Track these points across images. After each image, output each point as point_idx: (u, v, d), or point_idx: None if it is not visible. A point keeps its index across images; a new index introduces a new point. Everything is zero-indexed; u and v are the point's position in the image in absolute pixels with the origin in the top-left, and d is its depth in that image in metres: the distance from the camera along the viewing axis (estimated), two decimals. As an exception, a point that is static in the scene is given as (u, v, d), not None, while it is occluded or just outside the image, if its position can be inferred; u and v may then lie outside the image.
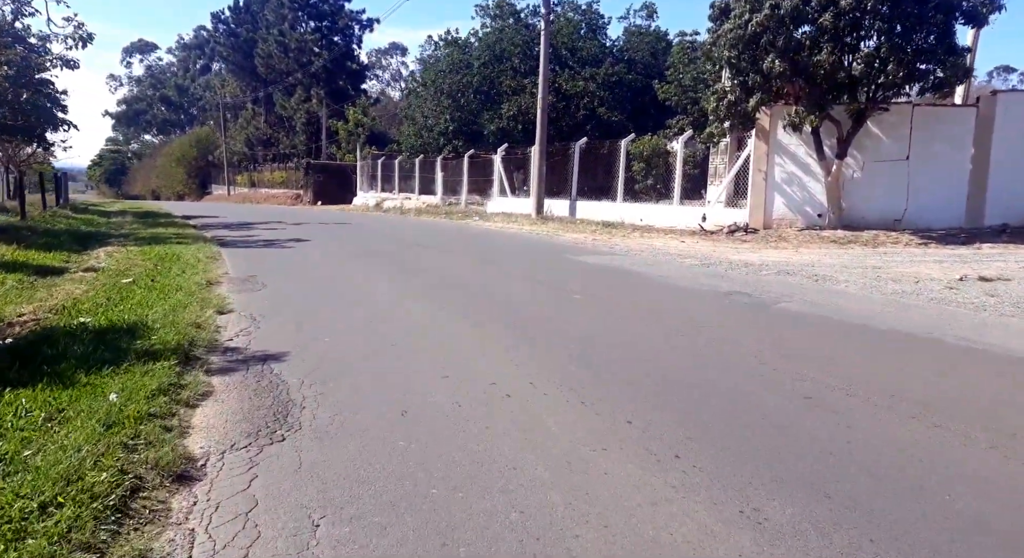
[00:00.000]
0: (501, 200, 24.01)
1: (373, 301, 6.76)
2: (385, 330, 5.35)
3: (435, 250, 12.07)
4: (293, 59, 44.39)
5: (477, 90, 27.25)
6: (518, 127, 26.02)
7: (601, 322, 5.82)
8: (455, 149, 27.59)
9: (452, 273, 9.07)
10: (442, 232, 16.75)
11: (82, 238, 12.52)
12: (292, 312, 6.21)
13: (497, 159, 24.16)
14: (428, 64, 30.06)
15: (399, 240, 14.05)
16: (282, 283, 7.91)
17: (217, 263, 9.51)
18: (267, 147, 50.15)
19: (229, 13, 51.56)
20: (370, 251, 11.93)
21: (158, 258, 9.49)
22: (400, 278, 8.38)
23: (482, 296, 7.16)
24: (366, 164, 35.67)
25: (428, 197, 28.57)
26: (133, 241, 12.26)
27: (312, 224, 18.49)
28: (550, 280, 8.36)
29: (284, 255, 10.90)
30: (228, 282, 7.91)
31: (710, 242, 13.81)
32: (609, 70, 27.68)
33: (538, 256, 11.47)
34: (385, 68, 71.73)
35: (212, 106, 61.57)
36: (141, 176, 73.67)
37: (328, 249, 12.05)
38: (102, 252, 9.97)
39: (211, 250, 10.98)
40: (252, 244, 12.65)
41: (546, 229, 16.99)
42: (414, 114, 30.25)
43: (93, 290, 6.63)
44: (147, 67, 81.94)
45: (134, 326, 5.08)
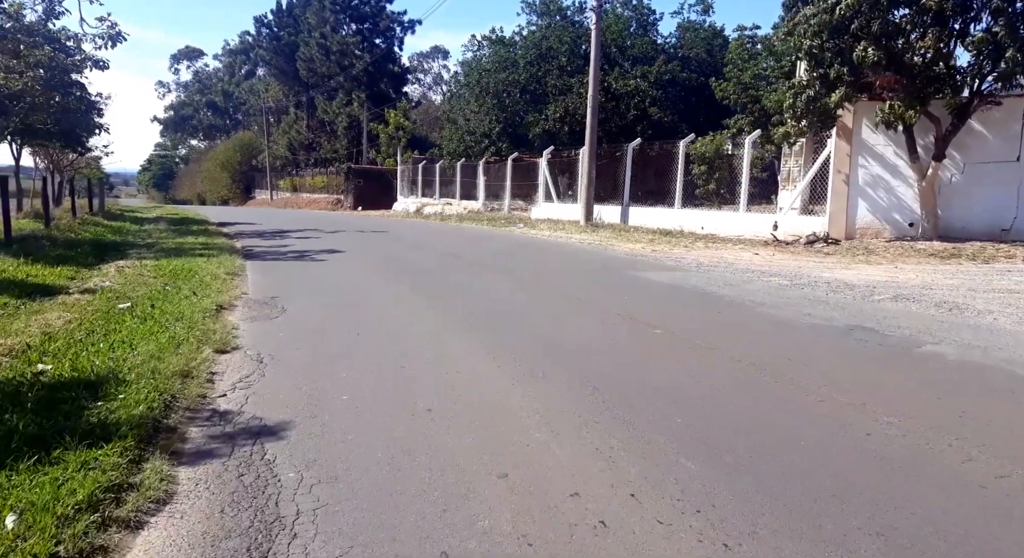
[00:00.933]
0: (546, 206, 22.74)
1: (407, 337, 5.54)
2: (420, 389, 4.11)
3: (478, 265, 10.85)
4: (335, 62, 43.90)
5: (523, 90, 26.05)
6: (564, 129, 24.72)
7: (705, 380, 4.48)
8: (498, 152, 26.43)
9: (500, 296, 7.81)
10: (485, 241, 15.54)
11: (103, 249, 11.68)
12: (309, 351, 5.03)
13: (542, 162, 22.89)
14: (471, 64, 28.98)
15: (439, 251, 12.89)
16: (305, 307, 6.77)
17: (237, 281, 8.45)
18: (309, 151, 49.88)
19: (272, 17, 51.56)
20: (407, 266, 10.78)
21: (172, 275, 8.48)
22: (439, 303, 7.16)
23: (539, 331, 5.88)
24: (406, 168, 34.82)
25: (470, 202, 27.48)
26: (155, 253, 11.36)
27: (349, 232, 17.51)
28: (617, 307, 7.03)
29: (313, 270, 9.82)
30: (243, 306, 6.81)
31: (788, 254, 12.27)
32: (661, 68, 26.17)
33: (595, 272, 10.14)
34: (427, 72, 71.28)
35: (256, 111, 61.89)
36: (188, 181, 74.76)
37: (362, 263, 10.94)
38: (114, 267, 9.03)
39: (235, 264, 9.97)
40: (282, 256, 11.64)
41: (597, 238, 15.63)
42: (456, 116, 29.19)
43: (79, 320, 5.58)
44: (194, 73, 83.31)
45: (102, 378, 3.95)
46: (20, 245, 10.78)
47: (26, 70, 14.38)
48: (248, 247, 13.14)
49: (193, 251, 11.50)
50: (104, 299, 6.59)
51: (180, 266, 9.28)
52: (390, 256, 12.06)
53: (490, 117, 26.58)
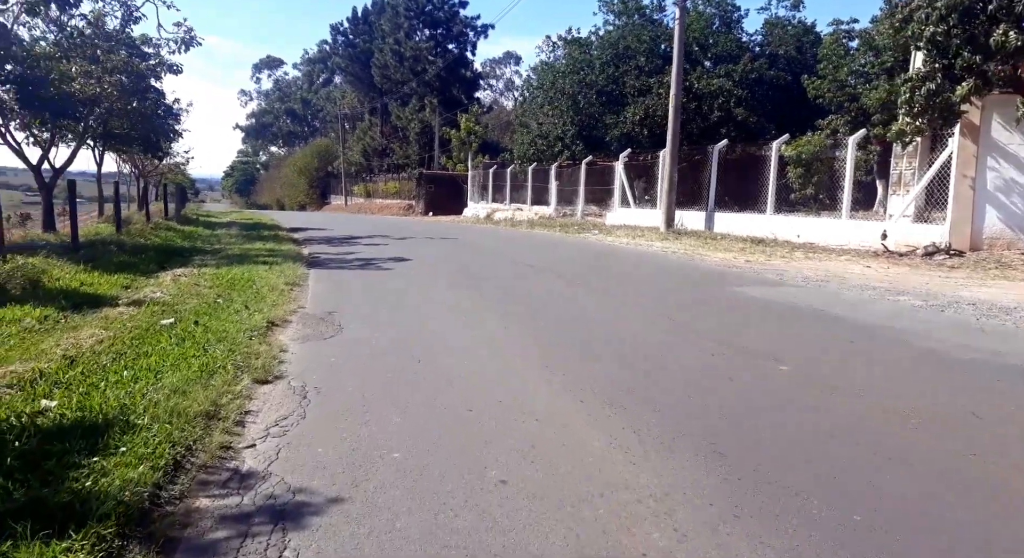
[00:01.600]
0: (622, 211, 21.61)
1: (475, 369, 4.69)
2: (491, 448, 3.23)
3: (554, 275, 9.93)
4: (408, 68, 44.02)
5: (599, 91, 24.99)
6: (644, 131, 23.51)
7: (873, 449, 3.42)
8: (572, 156, 25.47)
9: (582, 316, 6.87)
10: (560, 249, 14.62)
11: (167, 255, 11.43)
12: (360, 383, 4.25)
13: (619, 166, 21.78)
14: (545, 66, 28.12)
15: (511, 260, 12.05)
16: (363, 325, 6.04)
17: (296, 292, 7.85)
18: (382, 157, 50.28)
19: (348, 25, 52.34)
20: (477, 276, 9.98)
21: (228, 285, 7.95)
22: (512, 323, 6.27)
23: (637, 366, 4.91)
24: (477, 174, 34.33)
25: (541, 208, 26.63)
26: (218, 260, 10.99)
27: (418, 239, 16.94)
28: (724, 332, 5.97)
29: (378, 281, 9.15)
30: (297, 322, 6.14)
31: (905, 268, 10.81)
32: (747, 66, 24.60)
33: (688, 287, 9.04)
34: (499, 77, 71.03)
35: (332, 117, 63.09)
36: (268, 186, 77.06)
37: (430, 273, 10.22)
38: (171, 275, 8.61)
39: (297, 273, 9.42)
40: (347, 264, 11.06)
41: (682, 246, 14.44)
42: (528, 120, 28.38)
43: (112, 339, 5.00)
44: (274, 81, 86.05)
45: (110, 421, 3.26)
46: (87, 250, 10.62)
47: (103, 75, 14.47)
48: (314, 254, 12.69)
49: (257, 258, 11.08)
50: (148, 313, 6.04)
51: (239, 275, 8.78)
52: (459, 265, 11.31)
53: (564, 120, 25.63)
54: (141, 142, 19.33)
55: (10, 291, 6.86)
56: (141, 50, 15.52)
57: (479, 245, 15.47)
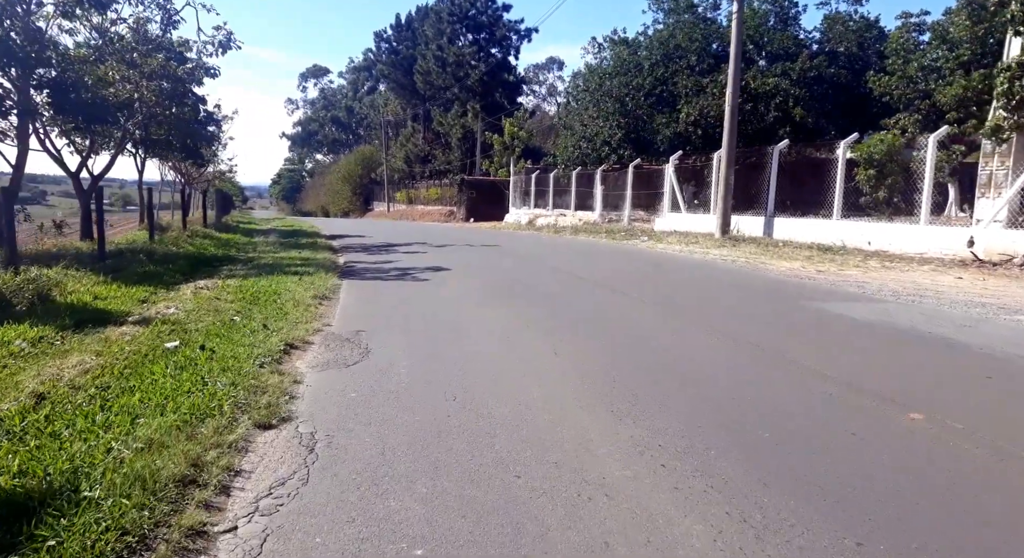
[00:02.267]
0: (672, 217, 20.51)
1: (522, 411, 3.85)
2: (549, 539, 2.37)
3: (606, 288, 9.01)
4: (450, 74, 43.60)
5: (648, 93, 23.96)
6: (697, 132, 22.40)
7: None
8: (620, 159, 24.48)
9: (646, 338, 5.95)
10: (609, 258, 13.68)
11: (196, 265, 10.91)
12: (381, 431, 3.45)
13: (668, 169, 20.70)
14: (591, 67, 27.20)
15: (557, 270, 11.17)
16: (394, 349, 5.25)
17: (323, 307, 7.14)
18: (424, 164, 50.01)
19: (391, 32, 52.31)
20: (521, 289, 9.13)
21: (251, 299, 7.29)
22: (566, 350, 5.40)
23: (717, 405, 4.00)
24: (519, 179, 33.56)
25: (585, 213, 25.68)
26: (248, 269, 10.41)
27: (458, 246, 16.21)
28: (818, 361, 4.99)
29: (414, 294, 8.38)
30: (320, 344, 5.40)
31: (1003, 279, 9.57)
32: (805, 64, 23.26)
33: (762, 301, 8.02)
34: (542, 83, 70.35)
35: (376, 125, 63.32)
36: (313, 193, 77.93)
37: (470, 284, 9.41)
38: (192, 288, 7.99)
39: (328, 284, 8.74)
40: (383, 275, 10.36)
41: (741, 254, 13.34)
42: (572, 123, 27.48)
43: (101, 368, 4.32)
44: (320, 90, 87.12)
45: (52, 492, 2.52)
46: (114, 260, 10.17)
47: (141, 80, 14.18)
48: (350, 263, 12.04)
49: (289, 268, 10.46)
50: (153, 335, 5.36)
51: (266, 287, 8.13)
52: (501, 276, 10.48)
53: (611, 122, 24.65)
54: (180, 149, 19.16)
55: (15, 306, 6.31)
56: (179, 54, 15.21)
57: (522, 253, 14.64)
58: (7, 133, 12.09)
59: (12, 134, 11.79)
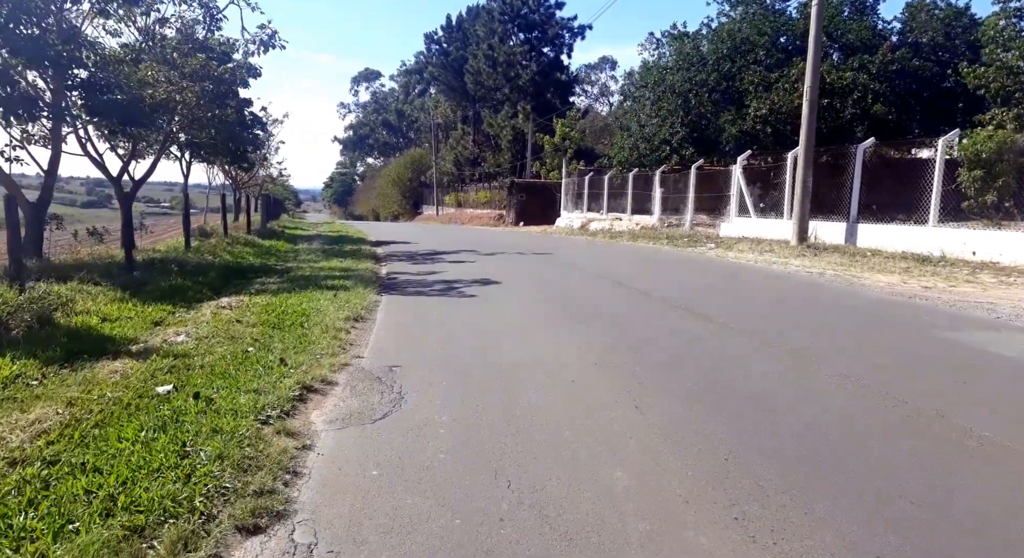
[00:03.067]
0: (740, 221, 19.02)
1: (605, 511, 2.75)
2: None
3: (684, 310, 7.79)
4: (501, 74, 42.65)
5: (713, 89, 22.46)
6: (765, 130, 20.81)
7: None
8: (681, 160, 23.05)
9: (747, 381, 4.76)
10: (677, 269, 12.42)
11: (229, 276, 10.15)
12: (407, 549, 2.40)
13: (736, 170, 19.22)
14: (649, 64, 25.79)
15: (620, 284, 10.00)
16: (433, 394, 4.24)
17: (356, 332, 6.19)
18: (473, 166, 49.28)
19: (442, 33, 51.80)
20: (581, 309, 8.01)
21: (276, 321, 6.39)
22: (650, 402, 4.26)
23: (860, 488, 2.84)
24: (571, 181, 32.36)
25: (643, 217, 24.33)
26: (283, 282, 9.58)
27: (508, 254, 15.18)
28: (1007, 432, 3.73)
29: (460, 315, 7.37)
30: (344, 386, 4.43)
31: None
32: (886, 57, 21.40)
33: (876, 329, 6.68)
34: (594, 83, 68.86)
35: (426, 128, 63.04)
36: (364, 197, 78.22)
37: (522, 303, 8.34)
38: (214, 307, 7.15)
39: (366, 301, 7.81)
40: (426, 289, 9.39)
41: (826, 266, 11.90)
42: (629, 122, 26.10)
43: (64, 425, 3.43)
44: (372, 93, 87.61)
45: None
46: (143, 272, 9.49)
47: (181, 81, 13.63)
48: (393, 275, 11.14)
49: (326, 281, 9.59)
50: (149, 372, 4.47)
51: (295, 306, 7.24)
52: (557, 292, 9.37)
53: (671, 121, 23.21)
54: (225, 152, 18.69)
55: (12, 331, 5.55)
56: (222, 54, 14.63)
57: (578, 263, 13.50)
58: (45, 137, 11.66)
59: (47, 137, 11.33)
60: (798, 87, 20.66)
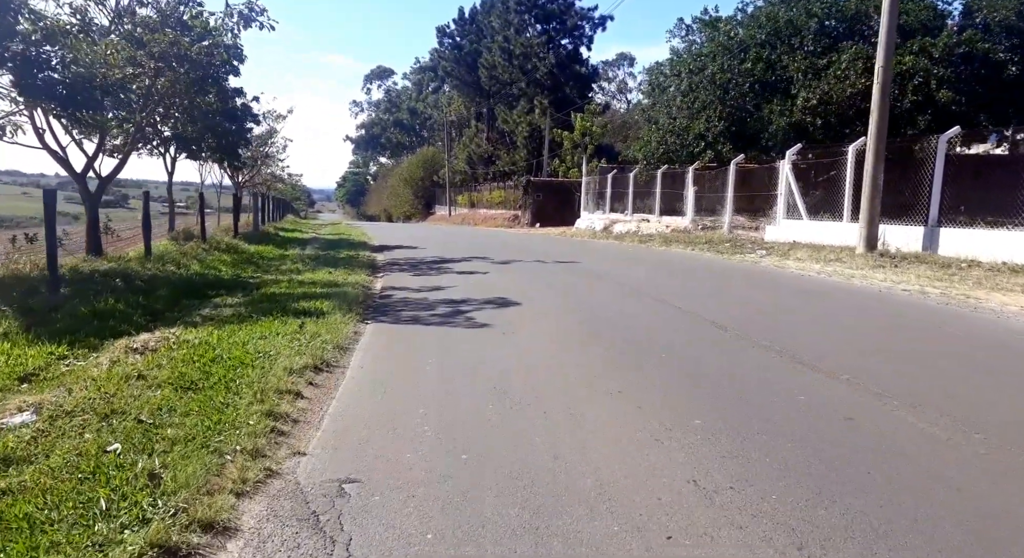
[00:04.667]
0: (789, 224, 16.77)
1: None
2: None
3: (766, 349, 5.62)
4: (517, 67, 40.47)
5: (757, 78, 20.18)
6: (816, 122, 18.54)
7: None
8: (718, 156, 20.83)
9: (931, 492, 2.62)
10: (731, 283, 10.26)
11: (181, 293, 8.10)
12: None
13: (784, 166, 16.97)
14: (679, 52, 23.53)
15: (667, 304, 7.84)
16: (413, 554, 2.15)
17: (313, 392, 4.14)
18: (487, 165, 47.22)
19: (455, 26, 49.73)
20: (626, 341, 5.86)
21: (199, 374, 4.33)
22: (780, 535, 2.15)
23: None
24: (592, 180, 30.18)
25: (673, 219, 22.13)
26: (244, 304, 7.52)
27: (527, 262, 13.08)
28: None
29: (466, 359, 5.27)
30: (247, 540, 2.35)
31: None
32: (951, 39, 19.07)
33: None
34: (611, 80, 66.55)
35: (439, 126, 61.17)
36: (376, 197, 76.45)
37: (550, 336, 6.22)
38: (119, 350, 5.09)
39: (342, 334, 5.78)
40: (426, 313, 7.32)
41: (917, 280, 9.68)
42: (657, 115, 23.86)
43: None
44: (385, 91, 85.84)
45: None
46: (75, 289, 7.49)
47: (149, 61, 11.68)
48: (388, 291, 9.08)
49: (302, 302, 7.54)
50: None
51: (240, 345, 5.19)
52: (593, 317, 7.24)
53: (707, 113, 20.97)
54: (211, 147, 16.70)
55: None
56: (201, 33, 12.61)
57: (613, 275, 11.36)
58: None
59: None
60: (848, 74, 18.42)
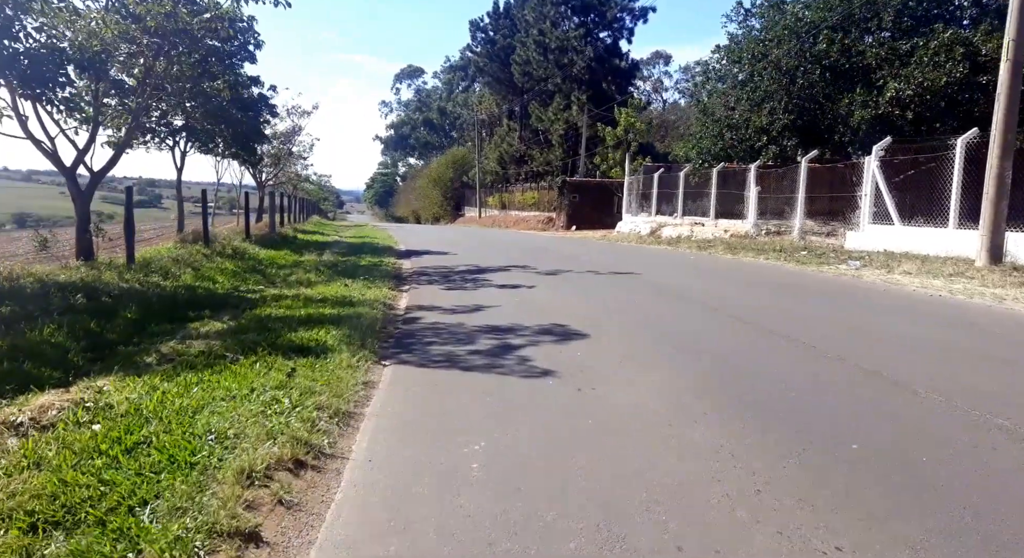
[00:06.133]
0: (876, 230, 14.51)
1: None
2: None
3: (983, 425, 3.60)
4: (552, 61, 38.45)
5: (831, 65, 17.94)
6: (904, 114, 16.26)
7: None
8: (782, 152, 18.62)
9: None
10: (842, 304, 8.16)
11: (153, 315, 6.28)
12: None
13: (871, 162, 14.72)
14: (737, 38, 21.30)
15: (787, 337, 5.80)
16: None
17: (286, 523, 2.21)
18: (519, 165, 45.29)
19: (488, 20, 47.87)
20: (787, 415, 3.86)
21: (86, 497, 2.46)
22: None
23: None
24: (636, 179, 28.03)
25: (731, 223, 19.95)
26: (227, 335, 5.67)
27: (578, 273, 11.11)
28: None
29: (530, 429, 3.32)
30: None
31: None
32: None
33: None
34: (646, 79, 64.17)
35: (469, 125, 59.54)
36: (404, 198, 75.10)
37: (648, 386, 4.24)
38: (65, 401, 3.27)
39: (348, 388, 3.90)
40: (464, 349, 5.40)
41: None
42: (714, 107, 21.68)
43: None
44: (415, 91, 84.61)
45: None
46: (21, 307, 5.74)
47: (142, 36, 10.02)
48: (413, 311, 7.20)
49: (302, 330, 5.68)
50: None
51: (181, 421, 3.32)
52: (691, 354, 5.22)
53: (771, 104, 18.77)
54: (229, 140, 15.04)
55: None
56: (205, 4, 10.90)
57: (689, 292, 9.33)
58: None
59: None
60: (942, 61, 16.11)
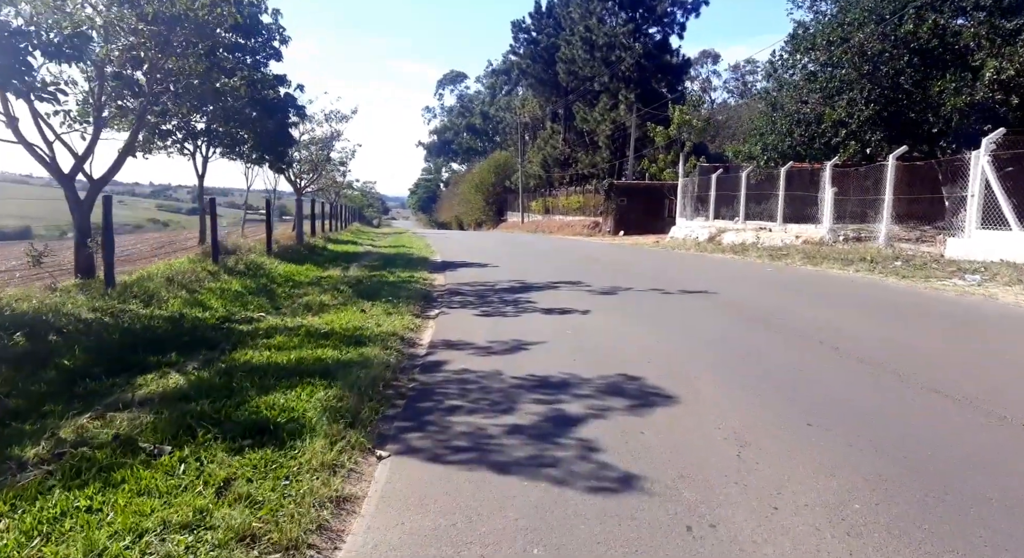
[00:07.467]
0: (988, 237, 12.35)
1: None
2: None
3: None
4: (599, 59, 36.67)
5: (919, 48, 15.80)
6: (1010, 100, 14.06)
7: None
8: (862, 149, 16.52)
9: None
10: (990, 339, 6.29)
11: (96, 366, 4.84)
12: None
13: (979, 158, 12.58)
14: (806, 26, 19.19)
15: (942, 392, 4.04)
16: None
17: None
18: (564, 168, 43.66)
19: (530, 20, 46.43)
20: None
21: None
22: None
23: None
24: (690, 181, 26.07)
25: (801, 227, 17.90)
26: (160, 411, 4.20)
27: (639, 291, 9.40)
28: None
29: None
30: None
31: None
32: None
33: None
34: (694, 78, 61.81)
35: (511, 128, 58.31)
36: (447, 204, 74.49)
37: (790, 494, 2.56)
38: None
39: (310, 521, 2.31)
40: (501, 424, 3.81)
41: None
42: (783, 100, 19.63)
43: None
44: (457, 96, 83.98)
45: None
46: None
47: (138, 24, 8.78)
48: (437, 351, 5.63)
49: (280, 388, 4.18)
50: None
51: None
52: (846, 430, 3.52)
53: (850, 94, 16.69)
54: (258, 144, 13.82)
55: None
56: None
57: (785, 318, 7.53)
58: None
59: None
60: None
